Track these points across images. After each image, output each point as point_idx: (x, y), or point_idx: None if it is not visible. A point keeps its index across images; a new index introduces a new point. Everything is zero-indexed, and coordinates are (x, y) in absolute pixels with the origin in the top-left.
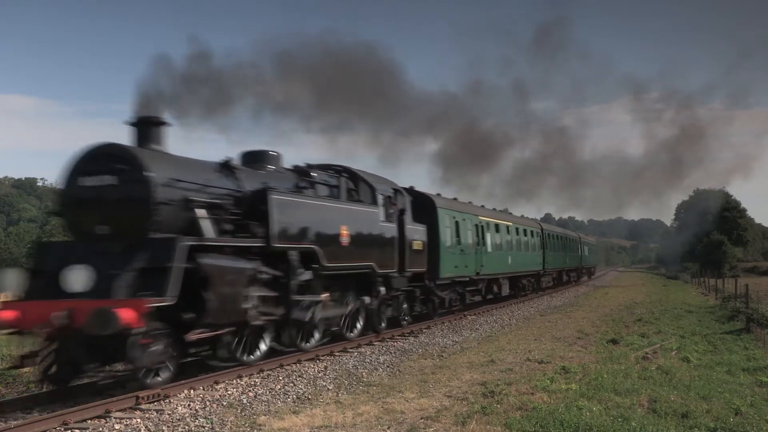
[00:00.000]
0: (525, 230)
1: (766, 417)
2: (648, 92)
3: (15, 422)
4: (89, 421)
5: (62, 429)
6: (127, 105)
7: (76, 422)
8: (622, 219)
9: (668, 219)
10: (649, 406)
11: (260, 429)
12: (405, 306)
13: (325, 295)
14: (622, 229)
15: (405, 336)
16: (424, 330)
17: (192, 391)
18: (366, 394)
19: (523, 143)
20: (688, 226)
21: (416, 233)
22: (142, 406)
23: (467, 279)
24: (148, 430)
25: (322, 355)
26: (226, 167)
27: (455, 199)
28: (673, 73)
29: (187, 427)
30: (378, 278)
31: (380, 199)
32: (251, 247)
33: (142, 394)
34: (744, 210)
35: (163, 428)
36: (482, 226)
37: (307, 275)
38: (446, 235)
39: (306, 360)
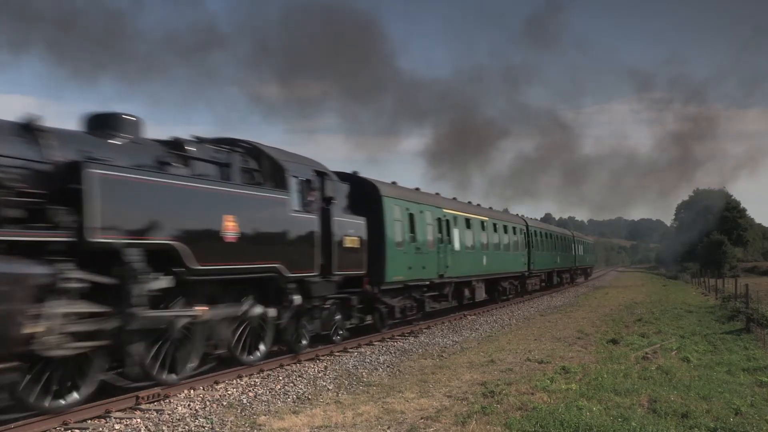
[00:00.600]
0: (506, 226)
1: (766, 417)
2: (652, 87)
3: (15, 422)
4: (89, 421)
5: (62, 429)
6: (129, 105)
7: (76, 422)
8: (622, 219)
9: (669, 219)
10: (649, 406)
11: (260, 429)
12: (338, 317)
13: (201, 309)
14: (622, 229)
15: (405, 336)
16: (424, 330)
17: (192, 391)
18: (366, 394)
19: (521, 139)
20: (687, 225)
21: (350, 227)
22: (142, 406)
23: (427, 283)
24: (148, 430)
25: (322, 355)
26: (24, 129)
27: (418, 189)
28: (678, 63)
29: (187, 427)
30: (289, 284)
31: (293, 183)
32: (49, 244)
33: (142, 394)
34: (744, 210)
35: (163, 428)
36: (448, 221)
37: (162, 282)
38: (395, 230)
39: (306, 360)
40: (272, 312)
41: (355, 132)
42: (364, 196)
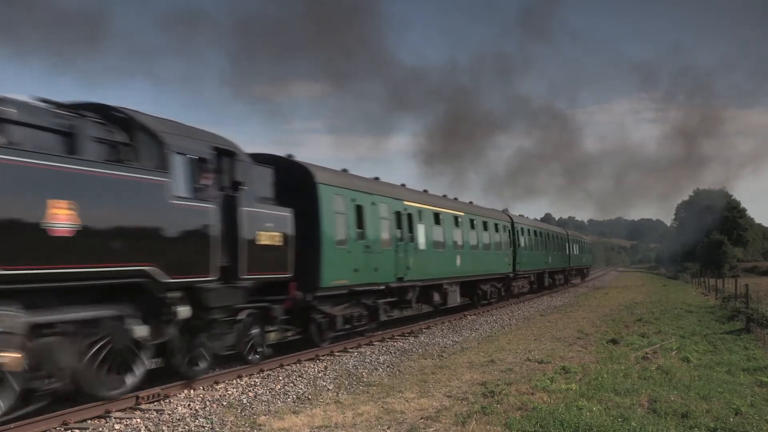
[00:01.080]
0: (486, 223)
1: (766, 417)
2: (655, 82)
3: (15, 422)
4: (89, 421)
5: (62, 429)
6: (128, 105)
7: (76, 422)
8: (622, 219)
9: (669, 219)
10: (649, 406)
11: (260, 429)
12: (255, 332)
13: (7, 355)
14: (622, 229)
15: (405, 336)
16: (424, 330)
17: (192, 391)
18: (366, 394)
19: (520, 136)
20: (687, 225)
21: (268, 220)
22: (142, 406)
23: (382, 288)
24: (148, 430)
25: (322, 355)
26: None
27: (377, 178)
28: (681, 53)
29: (187, 427)
30: (171, 292)
31: (178, 162)
32: None
33: (142, 394)
34: (744, 210)
35: (163, 428)
36: (410, 215)
37: None
38: (335, 225)
39: (306, 360)
40: (142, 330)
41: (344, 130)
42: (296, 184)
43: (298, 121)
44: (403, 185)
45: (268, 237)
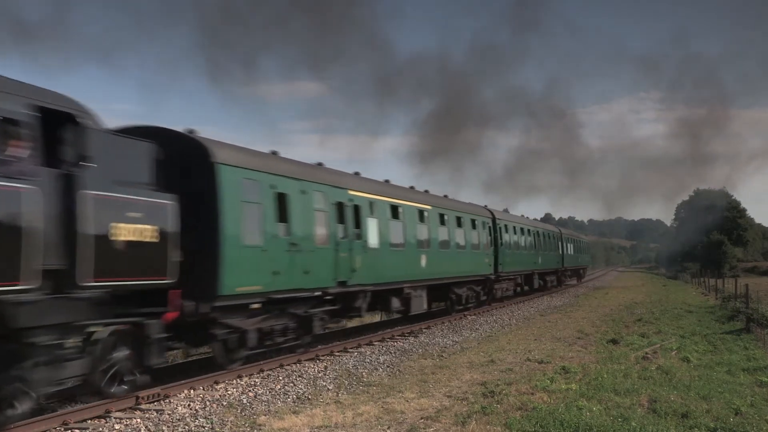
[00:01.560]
0: (460, 218)
1: (766, 417)
2: (657, 77)
3: (15, 422)
4: (89, 421)
5: (62, 429)
6: (129, 104)
7: (76, 422)
8: (622, 219)
9: (669, 219)
10: (649, 406)
11: (260, 429)
12: (120, 355)
13: None
14: (622, 229)
15: (405, 336)
16: (424, 330)
17: (192, 391)
18: (366, 394)
19: (520, 134)
20: (687, 225)
21: (132, 209)
22: (142, 406)
23: (318, 294)
24: (148, 430)
25: (322, 355)
26: None
27: (322, 164)
28: (683, 44)
29: (187, 427)
30: None
31: None
32: None
33: (142, 394)
34: (744, 210)
35: (163, 428)
36: (357, 207)
37: None
38: (243, 218)
39: (306, 360)
40: None
41: (335, 130)
42: (189, 164)
43: (289, 121)
44: (356, 173)
45: (133, 231)
